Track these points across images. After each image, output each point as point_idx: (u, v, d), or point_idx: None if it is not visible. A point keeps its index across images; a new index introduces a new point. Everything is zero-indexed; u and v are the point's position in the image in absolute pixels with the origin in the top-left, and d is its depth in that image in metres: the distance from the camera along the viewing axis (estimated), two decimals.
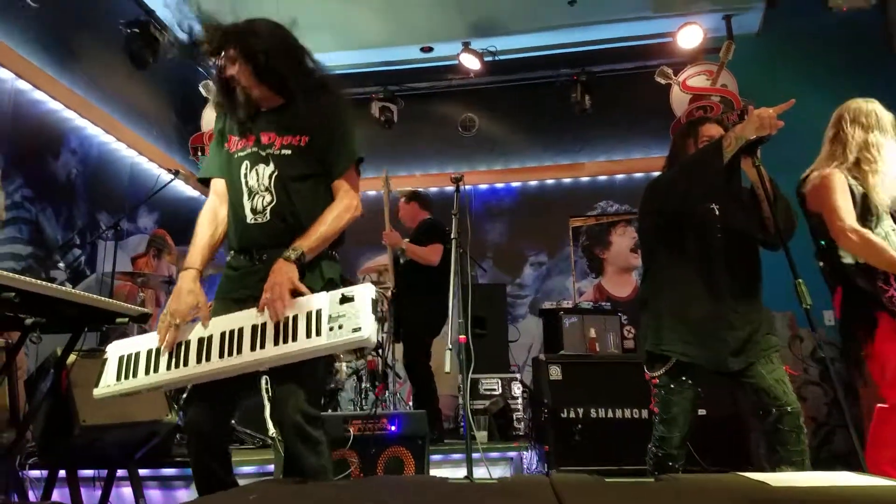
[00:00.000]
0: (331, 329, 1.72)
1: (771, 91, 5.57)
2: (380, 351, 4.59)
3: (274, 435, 1.85)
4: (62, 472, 2.78)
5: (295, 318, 1.76)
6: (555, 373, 4.05)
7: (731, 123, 5.65)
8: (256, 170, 1.97)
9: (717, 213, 2.44)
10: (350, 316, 1.72)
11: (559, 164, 6.59)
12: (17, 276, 1.85)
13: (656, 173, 6.41)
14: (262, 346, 1.77)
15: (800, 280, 2.11)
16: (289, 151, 1.97)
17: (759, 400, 2.30)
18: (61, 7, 4.68)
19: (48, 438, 2.68)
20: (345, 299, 1.75)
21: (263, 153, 1.98)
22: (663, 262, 2.47)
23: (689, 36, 5.80)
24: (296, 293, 1.81)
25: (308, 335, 1.74)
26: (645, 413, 3.89)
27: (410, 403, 4.74)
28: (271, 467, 3.16)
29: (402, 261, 4.71)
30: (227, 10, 2.04)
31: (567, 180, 6.58)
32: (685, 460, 2.42)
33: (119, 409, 2.76)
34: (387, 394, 4.68)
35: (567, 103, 6.33)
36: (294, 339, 1.75)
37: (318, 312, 1.76)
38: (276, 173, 1.96)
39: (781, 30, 6.01)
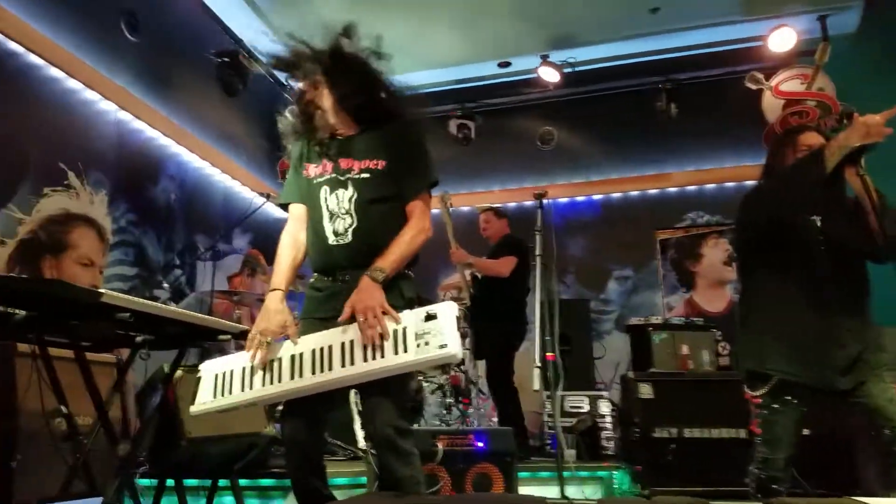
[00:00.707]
0: (417, 346, 1.80)
1: (871, 93, 5.25)
2: (462, 367, 4.64)
3: (365, 447, 1.92)
4: (170, 481, 2.96)
5: (382, 336, 1.84)
6: (645, 391, 4.01)
7: (829, 129, 5.39)
8: (336, 194, 2.06)
9: (820, 224, 2.34)
10: (435, 333, 1.79)
11: (644, 174, 6.46)
12: (130, 297, 1.99)
13: (749, 182, 6.19)
14: (353, 363, 1.85)
15: None
16: (367, 175, 2.06)
17: (870, 420, 2.18)
18: (157, 40, 4.98)
19: (157, 450, 2.85)
20: (429, 317, 1.83)
21: (342, 178, 2.07)
22: (763, 277, 2.39)
23: (782, 39, 5.56)
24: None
25: (395, 352, 1.82)
26: (743, 433, 3.79)
27: (495, 419, 4.74)
28: (363, 479, 3.23)
29: (479, 276, 4.76)
30: (306, 31, 2.15)
31: (653, 191, 6.44)
32: (789, 483, 2.31)
33: (221, 422, 2.90)
34: (471, 410, 4.71)
35: (651, 112, 6.22)
36: (382, 355, 1.83)
37: (404, 330, 1.84)
38: (355, 196, 2.04)
39: (882, 28, 5.65)
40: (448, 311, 1.81)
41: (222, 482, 3.13)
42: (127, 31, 4.63)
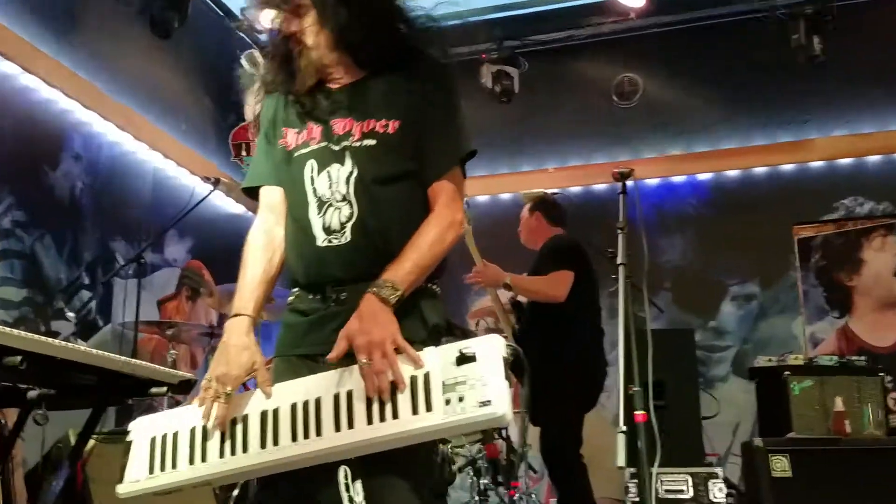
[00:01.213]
0: (447, 402, 1.74)
1: None
2: (503, 431, 4.63)
3: None
4: None
5: (394, 385, 1.79)
6: (780, 466, 4.06)
7: None
8: (328, 172, 2.03)
9: None
10: (473, 383, 1.73)
11: (774, 142, 6.45)
12: (24, 334, 2.01)
13: None
14: (351, 426, 1.80)
15: None
16: (373, 142, 2.03)
17: None
18: None
19: None
20: (464, 358, 1.77)
21: (337, 147, 2.04)
22: None
23: None
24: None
25: (415, 410, 1.76)
26: None
27: None
28: None
29: (523, 302, 4.75)
30: None
31: (787, 167, 6.43)
32: None
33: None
34: (518, 496, 4.70)
35: (784, 50, 6.18)
36: (395, 415, 1.78)
37: (427, 377, 1.78)
38: (355, 174, 2.01)
39: None
40: (492, 351, 1.75)
41: None
42: None
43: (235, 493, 4.15)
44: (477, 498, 4.66)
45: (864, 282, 6.12)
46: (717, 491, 4.72)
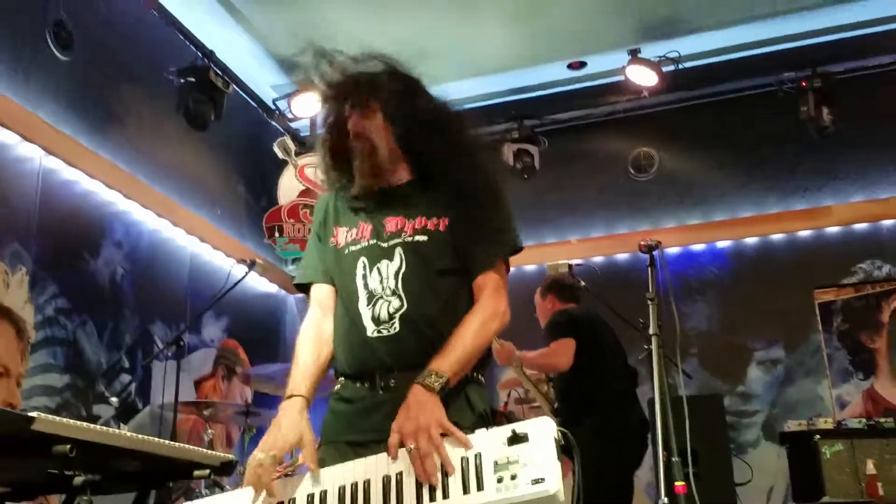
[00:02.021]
0: (499, 480, 1.71)
1: None
2: None
3: None
4: None
5: (444, 469, 1.77)
6: None
7: None
8: (378, 268, 2.06)
9: None
10: (526, 462, 1.71)
11: (791, 209, 6.42)
12: (72, 422, 1.96)
13: None
14: None
15: None
16: (423, 238, 2.06)
17: None
18: (97, 58, 5.11)
19: None
20: (516, 439, 1.75)
21: (387, 245, 2.07)
22: None
23: None
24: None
25: (466, 490, 1.74)
26: None
27: None
28: None
29: (551, 378, 4.68)
30: (326, 37, 2.18)
31: (805, 234, 6.37)
32: None
33: None
34: None
35: (794, 122, 6.19)
36: (446, 496, 1.75)
37: (478, 458, 1.76)
38: (405, 269, 2.04)
39: None
40: (544, 432, 1.74)
41: None
42: (55, 47, 4.75)
43: None
44: None
45: (887, 343, 6.00)
46: None
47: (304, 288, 2.24)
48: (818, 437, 4.65)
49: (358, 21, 5.66)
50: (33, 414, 1.80)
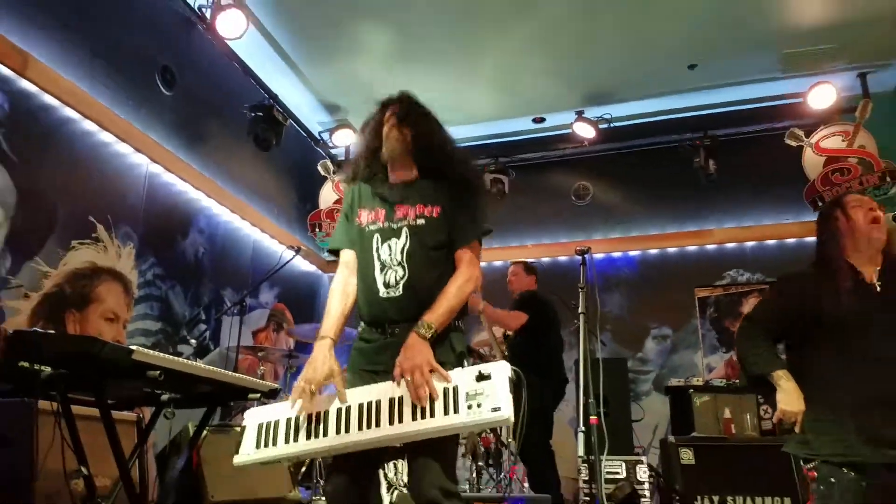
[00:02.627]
0: (469, 407, 1.76)
1: None
2: (498, 429, 4.50)
3: None
4: None
5: (431, 396, 1.81)
6: (686, 456, 3.94)
7: (871, 187, 5.32)
8: (389, 244, 2.04)
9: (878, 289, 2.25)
10: (488, 394, 1.76)
11: (683, 231, 6.39)
12: (162, 355, 1.94)
13: (790, 241, 6.09)
14: (401, 421, 1.81)
15: None
16: (422, 222, 2.05)
17: None
18: (192, 95, 5.07)
19: None
20: (482, 377, 1.78)
21: (395, 226, 2.06)
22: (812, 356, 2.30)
23: (822, 96, 5.56)
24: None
25: (446, 412, 1.78)
26: (788, 502, 3.71)
27: (527, 485, 4.56)
28: None
29: (508, 333, 4.68)
30: (348, 94, 2.24)
31: (692, 248, 6.34)
32: None
33: (246, 484, 2.81)
34: (502, 474, 4.53)
35: (689, 169, 6.16)
36: (432, 415, 1.79)
37: (455, 390, 1.80)
38: (407, 246, 2.03)
39: None
40: (501, 372, 1.77)
41: None
42: (162, 85, 4.74)
43: (303, 469, 4.02)
44: (474, 476, 4.50)
45: None
46: (642, 473, 4.59)
47: (335, 252, 2.21)
48: (692, 390, 4.62)
49: (383, 73, 5.62)
50: (133, 347, 1.78)
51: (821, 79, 5.56)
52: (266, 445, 1.91)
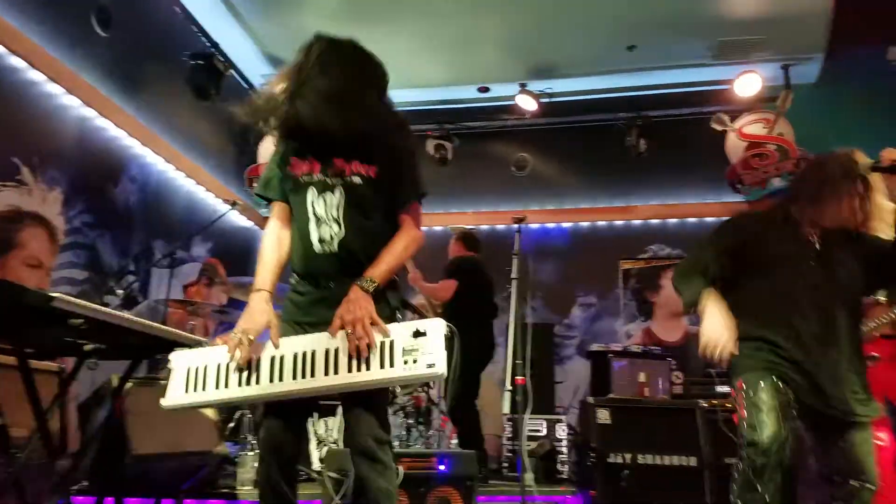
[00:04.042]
0: (405, 362, 1.75)
1: (829, 141, 5.41)
2: (426, 387, 4.51)
3: (320, 469, 1.81)
4: (109, 500, 2.73)
5: (369, 348, 1.78)
6: (603, 416, 4.00)
7: (785, 172, 5.54)
8: (324, 198, 1.93)
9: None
10: (424, 351, 1.75)
11: (612, 206, 6.51)
12: (86, 303, 1.81)
13: (710, 219, 6.28)
14: (336, 372, 1.77)
15: None
16: (358, 180, 1.94)
17: (844, 466, 2.16)
18: (129, 37, 4.78)
19: (99, 466, 2.63)
20: (418, 333, 1.77)
21: (331, 181, 1.94)
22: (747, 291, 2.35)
23: (748, 84, 5.71)
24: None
25: (382, 366, 1.76)
26: (693, 461, 3.84)
27: (454, 441, 4.62)
28: (318, 502, 3.06)
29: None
30: (293, 49, 2.03)
31: (619, 222, 6.49)
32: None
33: (171, 438, 2.71)
34: (432, 431, 4.57)
35: (622, 146, 6.26)
36: (368, 368, 1.76)
37: (392, 344, 1.78)
38: (344, 203, 1.92)
39: (840, 81, 5.90)
40: (437, 329, 1.77)
41: (166, 502, 2.90)
42: (98, 25, 4.45)
43: (231, 424, 3.93)
44: (404, 432, 4.52)
45: (661, 299, 6.21)
46: (562, 431, 4.75)
47: (265, 199, 2.06)
48: (611, 355, 4.73)
49: (330, 30, 5.34)
50: (54, 294, 1.65)
51: (748, 68, 5.70)
52: (195, 390, 1.83)
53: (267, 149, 6.29)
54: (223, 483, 3.33)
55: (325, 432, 3.81)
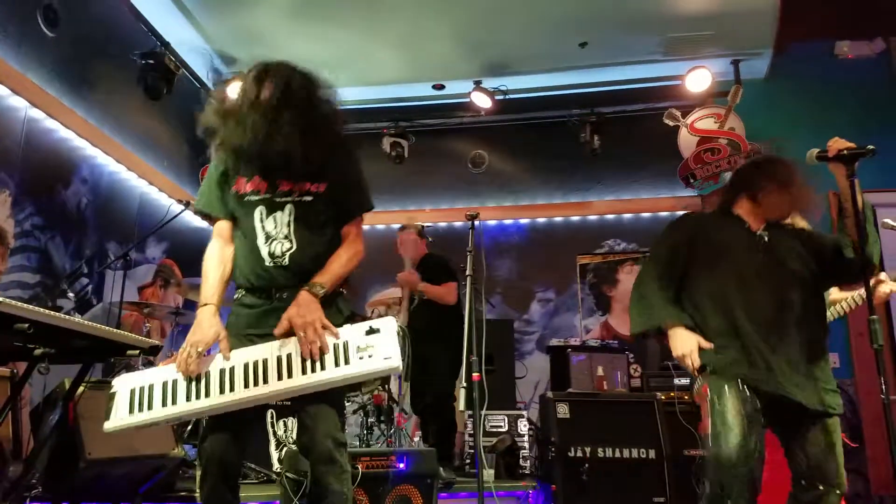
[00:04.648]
0: (360, 358, 1.81)
1: (777, 134, 5.62)
2: (386, 385, 4.54)
3: (279, 470, 1.87)
4: None
5: (322, 350, 1.84)
6: (562, 410, 4.01)
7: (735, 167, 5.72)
8: (274, 217, 2.00)
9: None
10: (378, 346, 1.82)
11: (568, 202, 6.58)
12: (31, 307, 1.82)
13: (664, 214, 6.41)
14: (290, 376, 1.81)
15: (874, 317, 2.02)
16: (309, 198, 2.01)
17: (807, 469, 2.19)
18: (78, 37, 4.70)
19: (53, 471, 2.62)
20: (371, 331, 1.85)
21: (279, 199, 2.00)
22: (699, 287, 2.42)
23: (698, 79, 5.86)
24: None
25: (336, 364, 1.82)
26: (653, 453, 3.86)
27: (416, 439, 4.66)
28: (276, 503, 3.08)
29: (416, 300, 4.65)
30: (245, 47, 2.09)
31: (575, 218, 6.56)
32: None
33: (125, 442, 2.70)
34: (392, 429, 4.61)
35: (577, 143, 6.34)
36: (322, 368, 1.81)
37: (346, 344, 1.84)
38: (292, 220, 1.99)
39: (788, 75, 6.11)
40: (390, 326, 1.85)
41: None
42: (44, 24, 4.36)
43: (189, 427, 3.91)
44: (365, 431, 4.55)
45: (618, 293, 6.28)
46: (523, 426, 4.77)
47: (205, 215, 2.12)
48: (570, 350, 4.77)
49: (283, 29, 5.40)
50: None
51: (698, 63, 5.85)
52: (141, 409, 1.84)
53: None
54: (181, 486, 3.32)
55: (284, 433, 3.83)
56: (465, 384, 2.80)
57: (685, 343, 2.27)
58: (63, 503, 2.72)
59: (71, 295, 4.54)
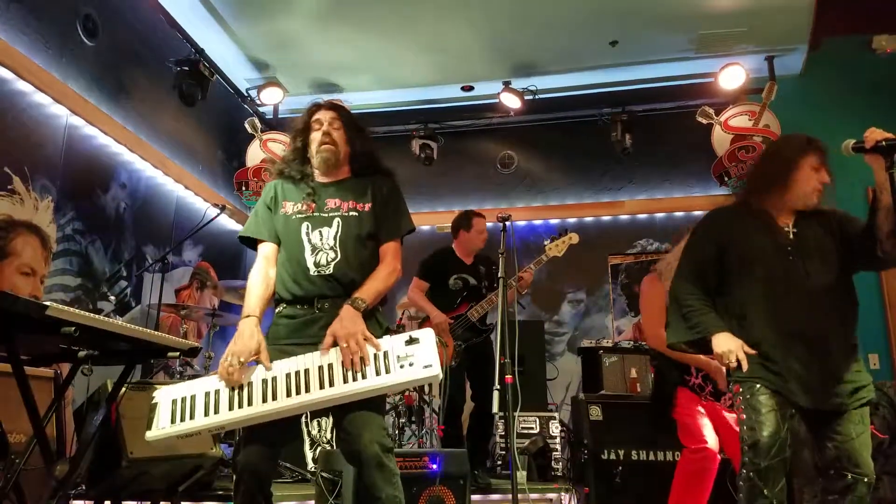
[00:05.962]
0: (401, 367, 1.87)
1: (813, 132, 5.47)
2: (421, 387, 4.57)
3: (314, 469, 1.90)
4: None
5: (362, 359, 1.90)
6: (595, 413, 4.01)
7: None
8: (320, 231, 2.14)
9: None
10: (419, 355, 1.88)
11: (599, 201, 6.55)
12: (78, 311, 1.88)
13: (697, 213, 6.31)
14: (332, 385, 1.86)
15: None
16: (355, 214, 2.17)
17: (836, 459, 2.17)
18: (115, 45, 4.83)
19: (96, 470, 2.69)
20: (412, 340, 1.92)
21: (327, 215, 2.16)
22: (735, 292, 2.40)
23: (732, 76, 5.77)
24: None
25: (378, 373, 1.87)
26: None
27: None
28: (311, 503, 3.12)
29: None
30: (277, 53, 2.29)
31: (606, 218, 6.52)
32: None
33: (166, 442, 2.77)
34: (423, 430, 4.63)
35: (607, 142, 6.30)
36: (364, 377, 1.87)
37: (386, 354, 1.91)
38: (340, 233, 2.14)
39: (824, 71, 5.99)
40: (429, 336, 1.92)
41: None
42: (83, 34, 4.48)
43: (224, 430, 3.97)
44: (396, 432, 4.58)
45: None
46: (555, 428, 4.77)
47: (248, 241, 2.26)
48: (601, 351, 4.73)
49: (314, 34, 5.49)
50: (48, 303, 1.72)
51: (731, 60, 5.76)
52: (182, 419, 1.88)
53: (254, 153, 6.35)
54: (219, 485, 3.39)
55: (318, 433, 3.88)
56: (497, 387, 2.80)
57: (730, 341, 2.26)
58: (105, 501, 2.79)
59: (111, 297, 4.66)
